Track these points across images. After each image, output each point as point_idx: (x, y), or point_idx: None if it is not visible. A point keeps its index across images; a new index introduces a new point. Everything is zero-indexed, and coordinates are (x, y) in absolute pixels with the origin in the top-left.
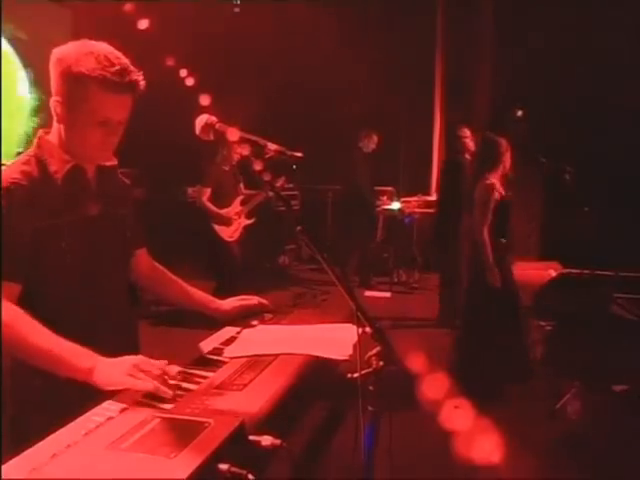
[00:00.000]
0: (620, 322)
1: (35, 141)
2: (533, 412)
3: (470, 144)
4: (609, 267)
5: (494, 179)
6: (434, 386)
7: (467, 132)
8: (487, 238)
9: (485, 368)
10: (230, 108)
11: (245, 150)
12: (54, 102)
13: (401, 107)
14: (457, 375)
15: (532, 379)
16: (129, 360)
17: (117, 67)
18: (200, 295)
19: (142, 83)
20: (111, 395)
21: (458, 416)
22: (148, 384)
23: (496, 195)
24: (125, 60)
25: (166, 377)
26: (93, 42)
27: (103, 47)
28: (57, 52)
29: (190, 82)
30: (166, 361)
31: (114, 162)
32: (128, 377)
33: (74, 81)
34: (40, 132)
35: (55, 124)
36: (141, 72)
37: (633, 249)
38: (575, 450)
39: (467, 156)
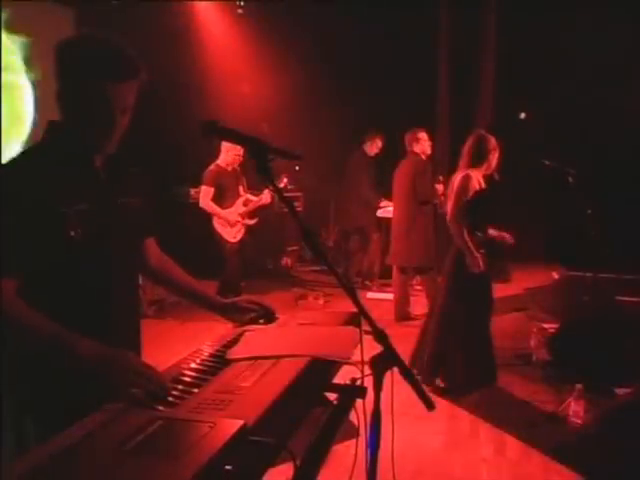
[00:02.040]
0: (623, 324)
1: (45, 131)
2: (535, 414)
3: (428, 147)
4: (612, 269)
5: (475, 174)
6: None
7: (425, 135)
8: (461, 225)
9: (452, 366)
10: (233, 108)
11: (248, 151)
12: (58, 93)
13: (403, 108)
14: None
15: (491, 383)
16: (128, 361)
17: (118, 56)
18: (205, 291)
19: (143, 70)
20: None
21: (460, 417)
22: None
23: (474, 185)
24: (126, 48)
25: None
26: (94, 33)
27: (104, 37)
28: (58, 45)
29: (192, 82)
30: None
31: (114, 150)
32: (122, 377)
33: (75, 72)
34: (48, 122)
35: (61, 115)
36: (140, 58)
37: (635, 251)
38: (577, 452)
39: (423, 157)
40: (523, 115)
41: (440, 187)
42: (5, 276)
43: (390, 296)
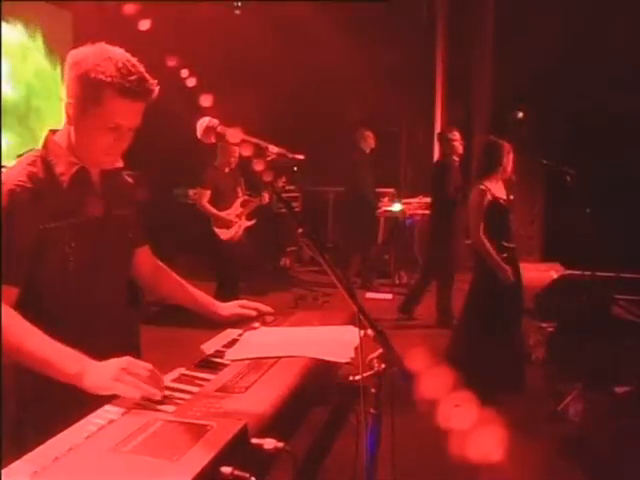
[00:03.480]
0: (621, 323)
1: (42, 142)
2: (535, 414)
3: (459, 147)
4: (610, 268)
5: (490, 183)
6: (435, 387)
7: (457, 135)
8: (484, 239)
9: (479, 372)
10: (231, 110)
11: (246, 152)
12: (67, 104)
13: (401, 107)
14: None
15: (523, 389)
16: (116, 363)
17: (135, 75)
18: (201, 296)
19: (156, 91)
20: (108, 399)
21: (459, 417)
22: (134, 392)
23: (488, 198)
24: (142, 68)
25: (155, 378)
26: (111, 47)
27: (121, 54)
28: (74, 55)
29: (191, 83)
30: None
31: (119, 164)
32: (115, 382)
33: (90, 86)
34: (47, 133)
35: (65, 125)
36: (156, 80)
37: (634, 251)
38: (577, 452)
39: (455, 158)
40: (521, 114)
41: None
42: (5, 283)
43: (389, 296)
